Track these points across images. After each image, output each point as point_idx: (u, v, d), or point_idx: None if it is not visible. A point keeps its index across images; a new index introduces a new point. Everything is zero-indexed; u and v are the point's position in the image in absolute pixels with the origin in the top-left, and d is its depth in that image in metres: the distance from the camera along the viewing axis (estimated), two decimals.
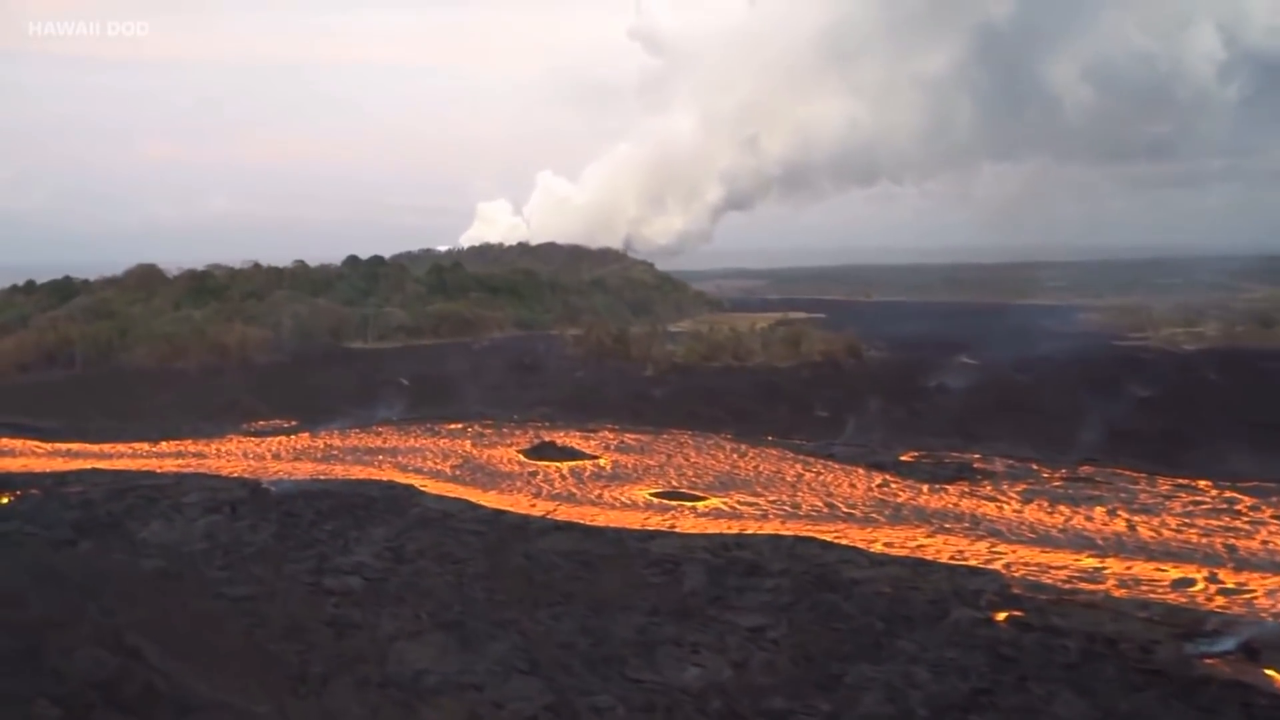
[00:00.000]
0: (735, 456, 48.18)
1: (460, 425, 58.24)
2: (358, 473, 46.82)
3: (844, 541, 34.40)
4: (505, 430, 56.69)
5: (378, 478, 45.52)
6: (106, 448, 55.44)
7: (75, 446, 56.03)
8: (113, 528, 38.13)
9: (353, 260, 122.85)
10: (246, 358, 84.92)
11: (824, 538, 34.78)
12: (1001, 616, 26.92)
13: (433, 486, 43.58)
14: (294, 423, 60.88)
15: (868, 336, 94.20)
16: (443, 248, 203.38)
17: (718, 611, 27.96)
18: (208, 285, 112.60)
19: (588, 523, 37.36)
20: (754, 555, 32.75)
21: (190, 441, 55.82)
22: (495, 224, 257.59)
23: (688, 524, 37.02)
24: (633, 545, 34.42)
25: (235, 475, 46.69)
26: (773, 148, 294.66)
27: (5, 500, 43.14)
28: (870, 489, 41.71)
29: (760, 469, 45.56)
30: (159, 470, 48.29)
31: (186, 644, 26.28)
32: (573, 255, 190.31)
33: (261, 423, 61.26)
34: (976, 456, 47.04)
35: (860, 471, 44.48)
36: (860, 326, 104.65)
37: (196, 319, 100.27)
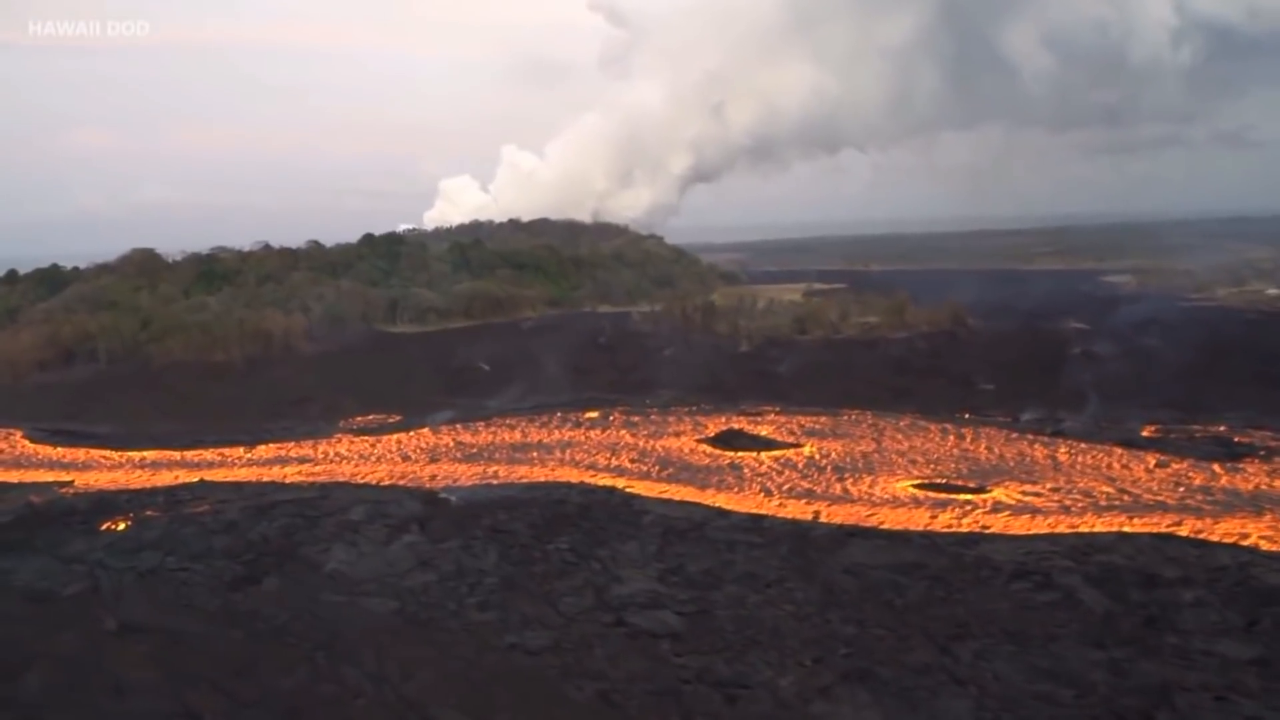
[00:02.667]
0: (954, 439, 42.56)
1: (597, 413, 51.41)
2: (527, 474, 39.92)
3: (1202, 536, 29.12)
4: (654, 417, 50.11)
5: (562, 479, 38.72)
6: (190, 455, 47.29)
7: (151, 454, 47.71)
8: (287, 557, 30.83)
9: (369, 239, 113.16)
10: (290, 346, 76.16)
11: (1173, 533, 29.49)
12: None
13: (639, 487, 37.01)
14: (396, 418, 53.27)
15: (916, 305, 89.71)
16: (404, 227, 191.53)
17: (1176, 639, 22.37)
18: (216, 270, 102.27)
19: (875, 526, 31.39)
20: (1125, 560, 27.24)
21: (292, 444, 47.96)
22: (459, 203, 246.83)
23: (994, 523, 31.29)
24: (957, 552, 28.62)
25: (387, 484, 39.39)
26: (739, 117, 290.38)
27: (122, 526, 35.27)
28: (1151, 471, 36.54)
29: (1001, 453, 40.04)
30: (285, 481, 40.67)
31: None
32: (570, 230, 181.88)
33: (359, 419, 53.50)
34: (1223, 428, 42.32)
35: (1119, 451, 39.31)
36: (915, 296, 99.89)
37: (214, 306, 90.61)
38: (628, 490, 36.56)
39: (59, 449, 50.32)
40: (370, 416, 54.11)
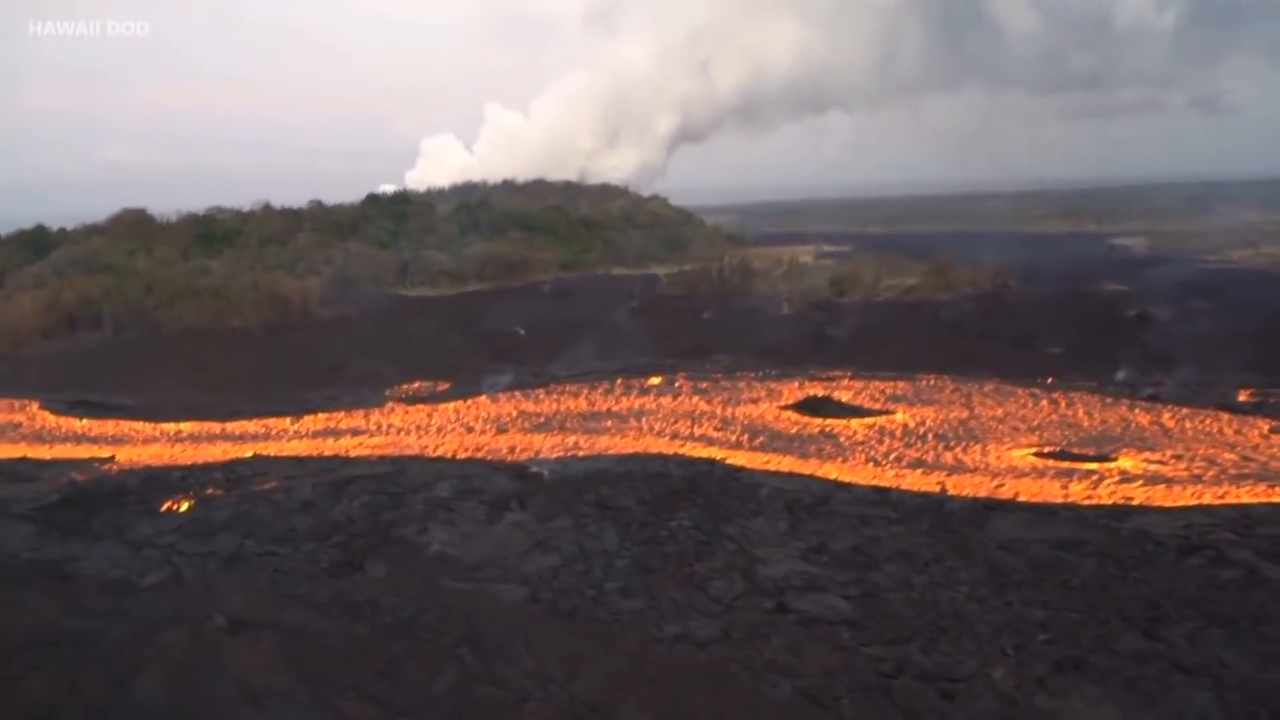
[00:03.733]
0: (1048, 405, 40.90)
1: (660, 379, 49.13)
2: (611, 444, 37.64)
3: None
4: (722, 383, 47.94)
5: (650, 450, 36.53)
6: (231, 427, 44.44)
7: (188, 427, 44.78)
8: (382, 538, 28.46)
9: (373, 199, 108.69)
10: (308, 311, 72.70)
11: None
12: None
13: (739, 458, 34.92)
14: (444, 385, 50.62)
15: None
16: (389, 188, 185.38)
17: None
18: (215, 231, 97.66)
19: (1010, 498, 29.59)
20: None
21: (341, 414, 45.23)
22: (442, 163, 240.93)
23: (1134, 494, 29.64)
24: (1110, 526, 26.94)
25: (463, 457, 36.93)
26: (725, 75, 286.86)
27: (185, 506, 32.57)
28: (1267, 437, 35.14)
29: (1103, 419, 38.43)
30: (350, 455, 38.07)
31: None
32: (568, 191, 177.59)
33: (404, 387, 50.76)
34: None
35: (1225, 416, 37.88)
36: (925, 258, 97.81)
37: (217, 269, 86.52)
38: (728, 462, 34.44)
39: (83, 421, 47.13)
40: (415, 384, 51.38)
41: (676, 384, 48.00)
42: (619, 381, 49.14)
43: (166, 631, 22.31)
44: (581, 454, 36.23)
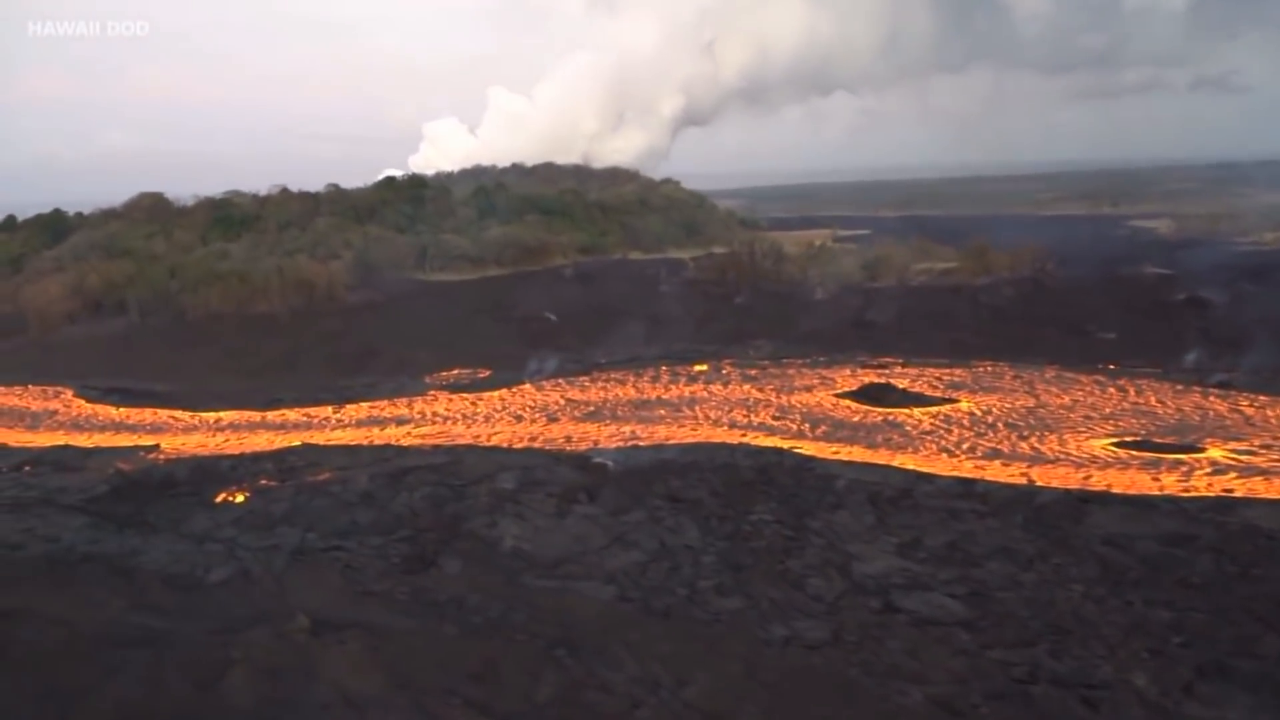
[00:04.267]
0: (1116, 392, 39.71)
1: (705, 366, 48.00)
2: (671, 434, 36.54)
3: None
4: (771, 370, 46.79)
5: (711, 439, 35.45)
6: (272, 415, 43.42)
7: (228, 415, 43.76)
8: (451, 533, 27.43)
9: (390, 182, 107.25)
10: (333, 296, 71.50)
11: None
12: None
13: (807, 448, 33.83)
14: (484, 372, 49.55)
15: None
16: (394, 172, 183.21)
17: None
18: (233, 215, 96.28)
19: (1104, 490, 28.45)
20: None
21: (384, 403, 44.17)
22: (446, 147, 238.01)
23: (1233, 485, 28.52)
24: (1216, 520, 25.80)
25: (519, 447, 35.86)
26: (731, 57, 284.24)
27: (240, 498, 31.55)
28: None
29: (1178, 407, 37.26)
30: (401, 444, 37.01)
31: None
32: (577, 175, 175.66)
33: (444, 374, 49.69)
34: None
35: None
36: (946, 241, 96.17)
37: (236, 253, 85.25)
38: (797, 451, 33.33)
39: (120, 409, 46.13)
40: (454, 371, 50.29)
41: (724, 371, 46.86)
42: (663, 369, 47.99)
43: (247, 631, 21.27)
44: (643, 444, 35.15)
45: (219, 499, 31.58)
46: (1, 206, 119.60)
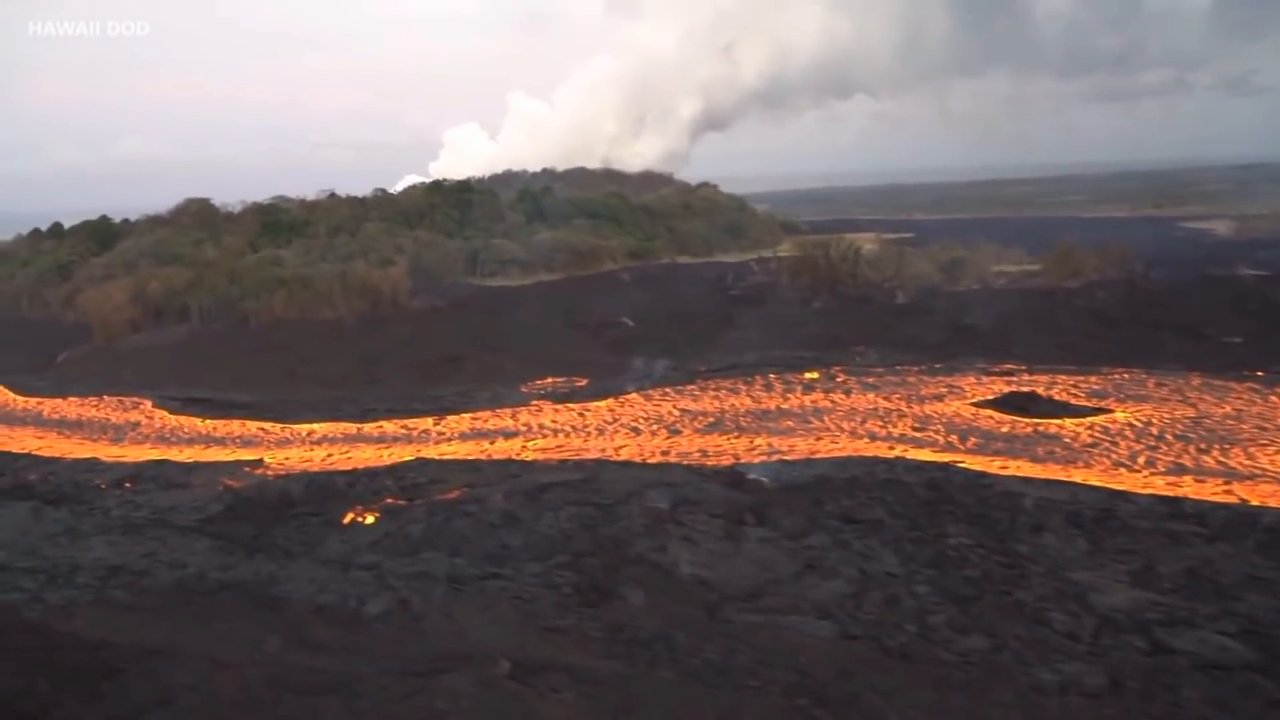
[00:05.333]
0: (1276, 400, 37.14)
1: (817, 374, 45.65)
2: (812, 447, 34.20)
3: None
4: (888, 378, 44.41)
5: (856, 452, 33.09)
6: (368, 428, 41.33)
7: (320, 427, 41.72)
8: (619, 558, 25.13)
9: (436, 186, 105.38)
10: (397, 303, 69.47)
11: None
12: None
13: (972, 463, 31.42)
14: (580, 381, 47.34)
15: (1037, 253, 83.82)
16: (418, 179, 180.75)
17: None
18: (281, 221, 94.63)
19: None
20: None
21: (487, 413, 42.01)
22: (467, 153, 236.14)
23: None
24: None
25: (656, 462, 33.60)
26: (750, 59, 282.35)
27: (370, 519, 29.37)
28: None
29: None
30: (523, 459, 34.83)
31: None
32: (609, 179, 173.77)
33: (538, 383, 47.52)
34: None
35: None
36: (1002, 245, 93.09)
37: (289, 259, 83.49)
38: (961, 466, 30.94)
39: (205, 420, 44.20)
40: (548, 380, 48.10)
41: (838, 379, 44.48)
42: (771, 376, 45.68)
43: (442, 676, 19.05)
44: (788, 458, 32.82)
45: (346, 519, 29.45)
46: (14, 215, 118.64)
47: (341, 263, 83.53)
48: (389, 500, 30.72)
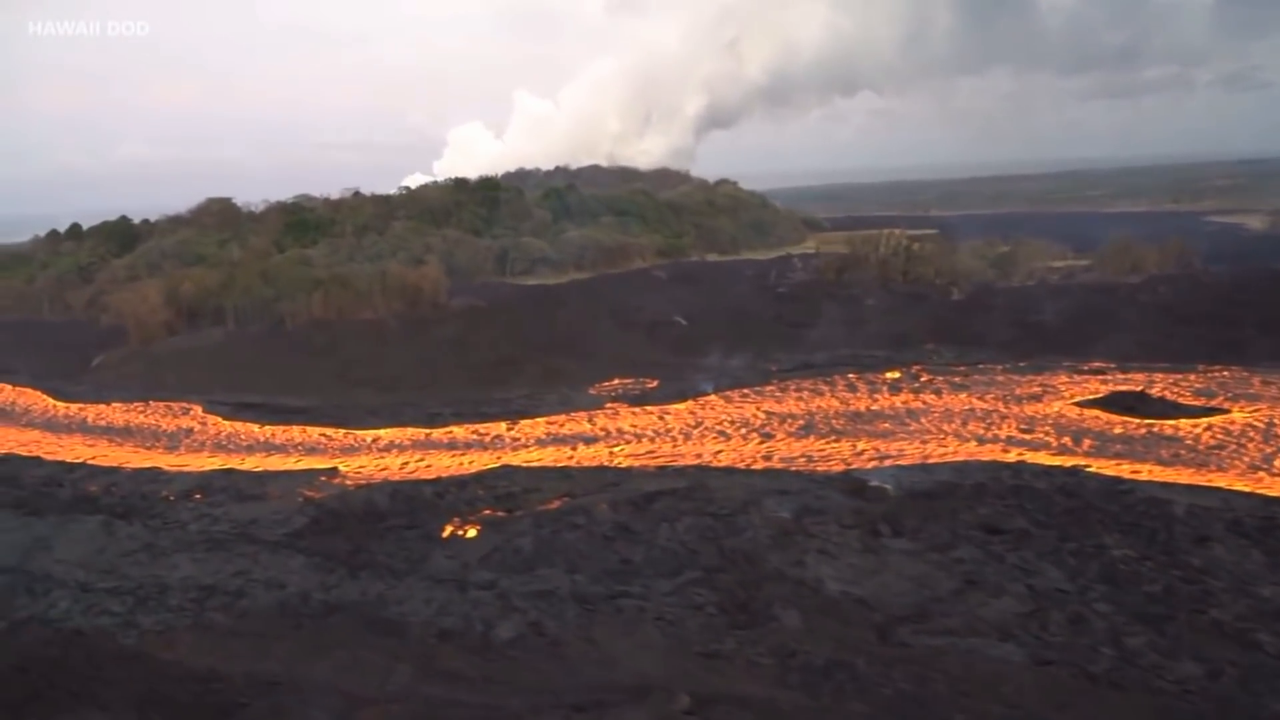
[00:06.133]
0: None
1: (899, 374, 43.97)
2: (918, 451, 32.52)
3: None
4: (975, 377, 42.73)
5: (976, 456, 31.42)
6: (438, 433, 39.53)
7: (386, 433, 39.92)
8: (758, 575, 23.35)
9: (461, 183, 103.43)
10: (436, 302, 67.64)
11: None
12: None
13: (1095, 465, 29.77)
14: (650, 383, 45.62)
15: (1081, 249, 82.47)
16: (426, 178, 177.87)
17: None
18: (308, 220, 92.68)
19: None
20: None
21: (562, 417, 40.22)
22: (472, 152, 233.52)
23: None
24: None
25: (760, 468, 31.89)
26: (754, 55, 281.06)
27: (471, 532, 27.59)
28: None
29: None
30: (616, 465, 33.09)
31: None
32: (625, 177, 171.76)
33: (606, 385, 45.80)
34: None
35: None
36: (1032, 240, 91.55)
37: (317, 259, 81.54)
38: (1090, 470, 29.25)
39: (261, 427, 42.35)
40: (614, 382, 46.36)
41: (921, 379, 42.78)
42: (850, 376, 43.97)
43: (615, 712, 17.32)
44: (902, 462, 31.11)
45: (446, 533, 27.68)
46: (15, 218, 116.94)
47: (371, 262, 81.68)
48: (486, 511, 28.95)
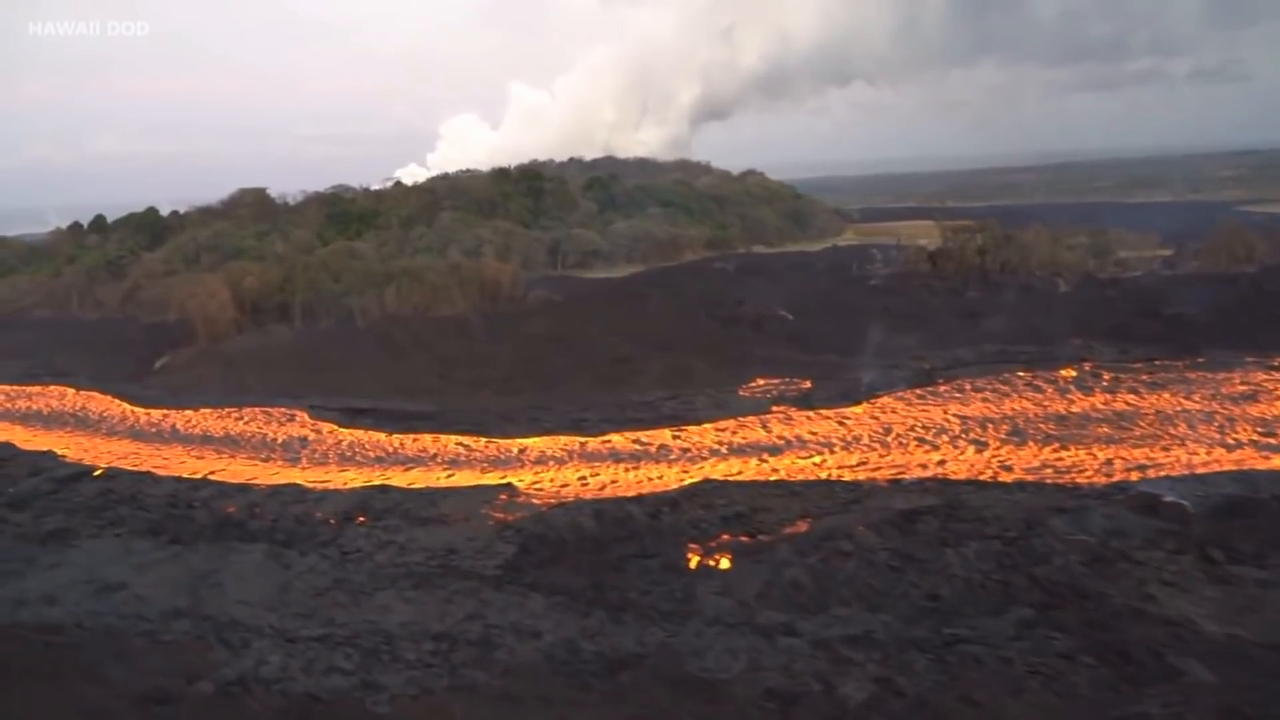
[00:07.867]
0: None
1: (1073, 371, 40.81)
2: (1192, 461, 29.27)
3: None
4: (1161, 375, 39.62)
5: (1243, 464, 28.26)
6: (594, 443, 35.54)
7: (537, 442, 36.04)
8: (1108, 613, 19.94)
9: (505, 174, 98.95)
10: (513, 297, 63.63)
11: None
12: None
13: None
14: (804, 384, 42.09)
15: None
16: (422, 170, 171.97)
17: None
18: (349, 212, 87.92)
19: None
20: None
21: (730, 423, 36.52)
22: (466, 145, 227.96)
23: None
24: None
25: (1009, 480, 28.48)
26: (749, 44, 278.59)
27: (724, 563, 23.84)
28: None
29: None
30: (841, 479, 29.53)
31: None
32: (643, 168, 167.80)
33: (754, 386, 42.25)
34: None
35: None
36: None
37: (365, 251, 77.12)
38: None
39: (387, 436, 38.31)
40: (759, 382, 42.79)
41: (1105, 377, 39.62)
42: (1024, 375, 40.72)
43: None
44: (1165, 473, 27.88)
45: (693, 563, 24.05)
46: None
47: (422, 254, 77.60)
48: (724, 537, 25.32)
